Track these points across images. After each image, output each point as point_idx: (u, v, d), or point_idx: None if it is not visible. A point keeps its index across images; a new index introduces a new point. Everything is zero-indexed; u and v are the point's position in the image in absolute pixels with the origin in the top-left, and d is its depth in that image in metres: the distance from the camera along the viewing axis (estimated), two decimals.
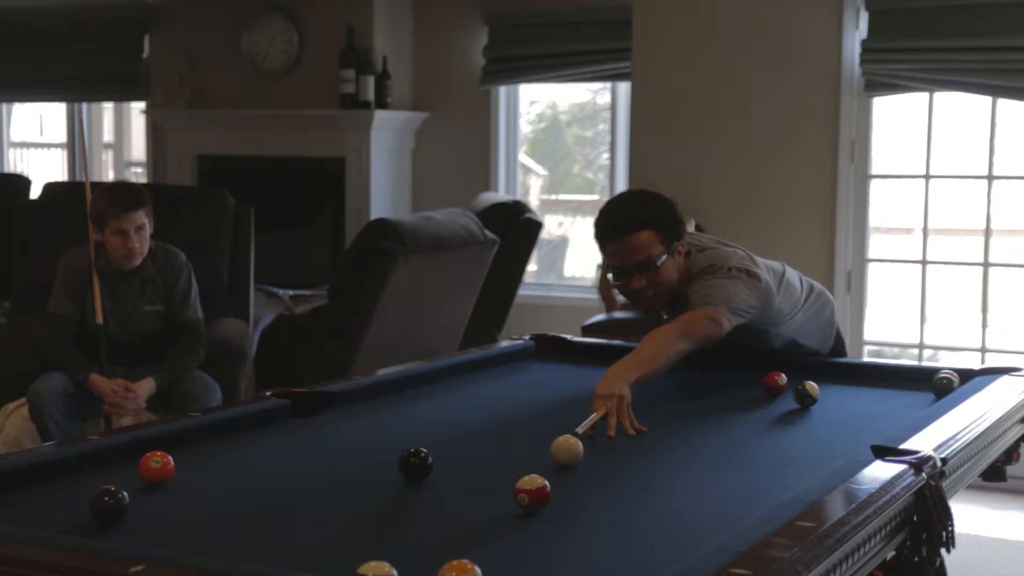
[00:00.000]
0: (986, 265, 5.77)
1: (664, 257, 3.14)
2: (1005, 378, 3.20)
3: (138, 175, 8.68)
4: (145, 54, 8.11)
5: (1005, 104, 5.70)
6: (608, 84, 7.24)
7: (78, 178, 8.26)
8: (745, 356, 3.50)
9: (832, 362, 3.57)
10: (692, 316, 3.10)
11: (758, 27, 5.94)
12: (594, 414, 2.77)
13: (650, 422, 2.94)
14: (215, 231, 5.40)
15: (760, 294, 3.22)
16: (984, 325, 5.83)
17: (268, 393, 2.92)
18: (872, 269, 5.96)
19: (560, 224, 7.98)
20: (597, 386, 2.86)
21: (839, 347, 3.73)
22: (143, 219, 4.45)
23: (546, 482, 2.13)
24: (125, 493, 2.04)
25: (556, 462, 2.43)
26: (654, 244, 3.13)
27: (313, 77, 7.47)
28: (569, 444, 2.45)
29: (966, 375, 3.23)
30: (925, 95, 5.80)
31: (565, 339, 3.81)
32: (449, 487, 2.30)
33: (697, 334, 3.08)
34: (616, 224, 3.15)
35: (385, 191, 7.42)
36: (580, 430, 2.65)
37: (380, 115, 7.24)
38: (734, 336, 3.18)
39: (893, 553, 2.16)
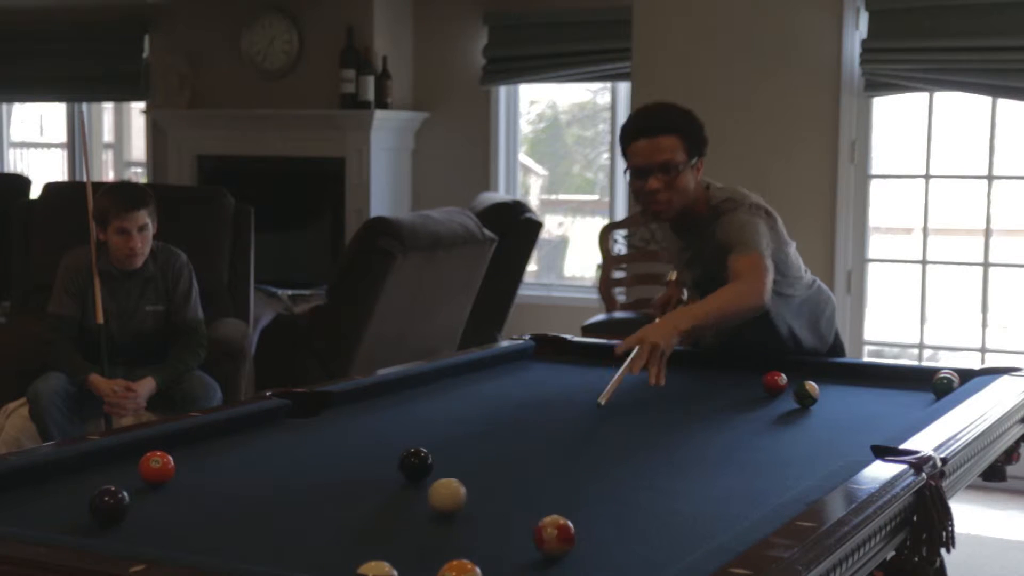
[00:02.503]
0: (986, 265, 5.78)
1: (684, 165, 3.31)
2: (1005, 378, 3.19)
3: (138, 175, 8.68)
4: (145, 54, 8.11)
5: (1005, 104, 5.70)
6: (608, 84, 7.24)
7: (78, 178, 8.26)
8: (748, 351, 3.51)
9: (832, 362, 3.57)
10: (744, 271, 3.19)
11: (758, 27, 5.94)
12: (613, 382, 2.95)
13: (650, 422, 2.94)
14: (215, 231, 5.40)
15: (778, 236, 3.43)
16: (984, 325, 5.83)
17: (268, 393, 2.92)
18: (872, 269, 5.96)
19: (560, 224, 7.98)
20: (645, 328, 3.03)
21: (838, 350, 3.72)
22: (146, 219, 4.45)
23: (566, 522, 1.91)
24: (125, 493, 2.04)
25: (436, 508, 2.10)
26: (678, 150, 3.31)
27: (313, 77, 7.47)
28: (451, 488, 2.11)
29: (966, 375, 3.22)
30: (925, 95, 5.80)
31: (565, 339, 3.81)
32: None
33: (754, 287, 3.18)
34: (647, 125, 3.32)
35: (385, 191, 7.42)
36: (602, 400, 2.87)
37: (380, 115, 7.24)
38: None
39: (893, 553, 2.16)
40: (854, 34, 5.78)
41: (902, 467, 2.24)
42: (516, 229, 6.10)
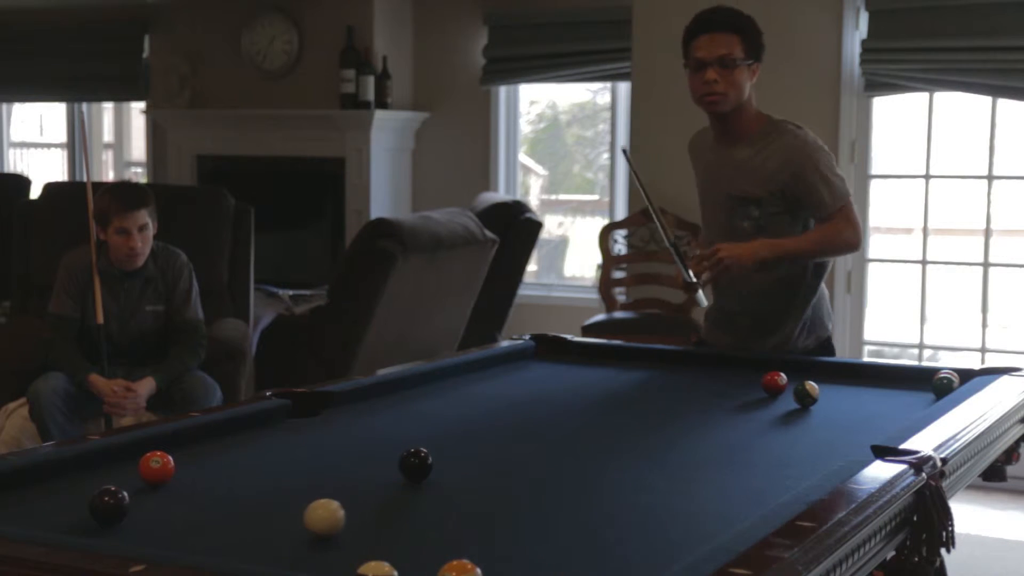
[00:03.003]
0: (986, 265, 5.78)
1: (742, 62, 3.45)
2: (1005, 378, 3.19)
3: (138, 175, 8.68)
4: (145, 54, 8.11)
5: (1005, 104, 5.70)
6: (608, 84, 7.24)
7: (78, 178, 8.26)
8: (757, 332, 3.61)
9: (832, 362, 3.57)
10: (838, 222, 3.52)
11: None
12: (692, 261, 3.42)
13: (650, 422, 2.94)
14: (215, 231, 5.40)
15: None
16: (984, 325, 5.83)
17: (268, 393, 2.92)
18: (872, 269, 5.96)
19: (560, 224, 7.98)
20: (726, 244, 3.41)
21: (828, 347, 3.73)
22: (146, 219, 4.46)
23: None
24: (125, 493, 2.04)
25: (313, 530, 1.97)
26: (738, 48, 3.45)
27: (313, 77, 7.47)
28: (329, 510, 1.98)
29: (966, 375, 3.22)
30: (925, 95, 5.80)
31: (565, 339, 3.81)
32: (449, 487, 2.30)
33: (842, 235, 3.53)
34: (710, 21, 3.49)
35: (385, 191, 7.42)
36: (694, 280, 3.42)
37: (380, 115, 7.24)
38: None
39: (893, 553, 2.16)
40: (854, 34, 5.78)
41: (902, 467, 2.24)
42: (516, 229, 6.10)
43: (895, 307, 6.48)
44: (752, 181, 3.50)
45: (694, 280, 3.46)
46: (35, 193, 6.29)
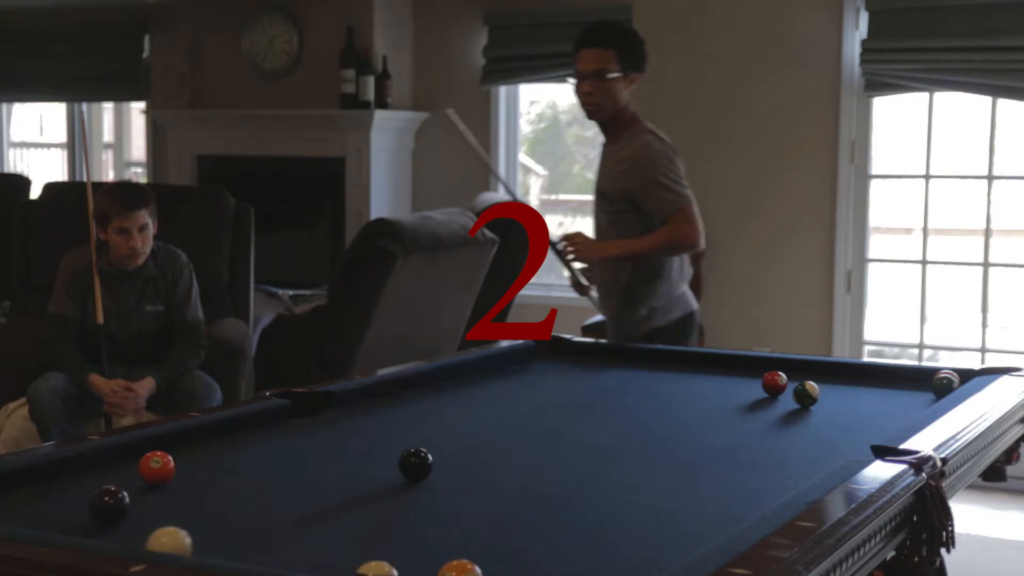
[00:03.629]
0: (986, 265, 5.78)
1: (615, 75, 3.83)
2: (1005, 378, 3.19)
3: (138, 175, 8.68)
4: (145, 54, 8.11)
5: (1005, 104, 5.70)
6: None
7: (78, 178, 8.26)
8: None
9: (832, 362, 3.57)
10: (678, 223, 3.86)
11: (758, 27, 5.94)
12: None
13: (650, 422, 2.94)
14: (215, 231, 5.40)
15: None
16: (984, 325, 5.83)
17: (268, 393, 2.92)
18: (872, 269, 5.97)
19: (560, 224, 7.98)
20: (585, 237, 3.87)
21: (685, 329, 4.02)
22: (146, 219, 4.46)
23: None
24: (125, 493, 2.04)
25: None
26: (613, 62, 3.83)
27: (313, 77, 7.46)
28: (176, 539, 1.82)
29: (966, 375, 3.22)
30: (925, 95, 5.80)
31: (565, 339, 3.81)
32: (449, 487, 2.30)
33: (681, 235, 3.90)
34: (593, 36, 3.86)
35: (385, 191, 7.42)
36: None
37: (380, 115, 7.24)
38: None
39: (893, 553, 2.16)
40: (854, 34, 5.78)
41: (902, 467, 2.24)
42: (516, 229, 6.10)
43: (895, 307, 6.48)
44: (608, 179, 3.94)
45: (584, 283, 4.00)
46: (35, 193, 6.29)
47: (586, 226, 7.81)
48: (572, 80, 3.90)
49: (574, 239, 3.86)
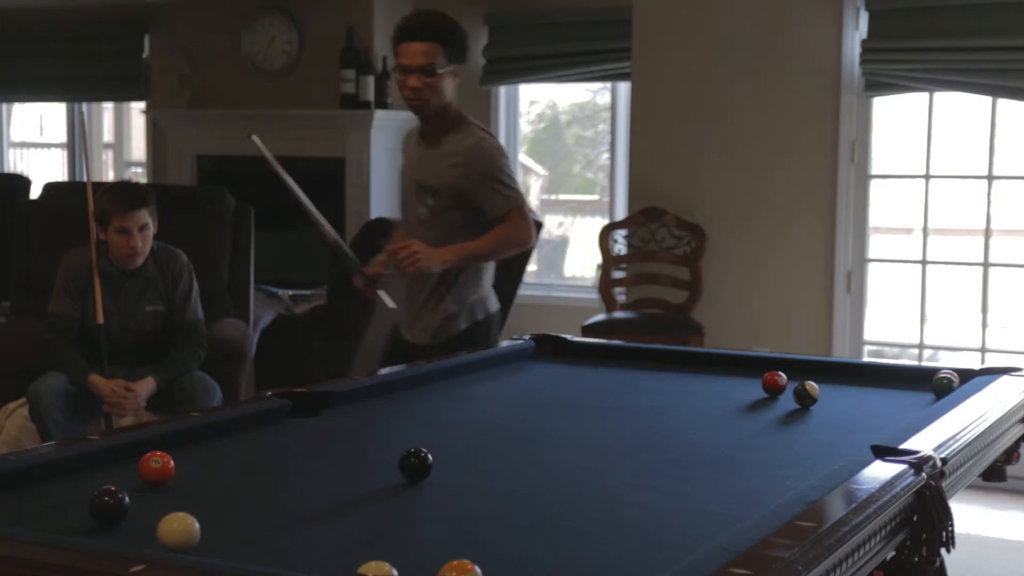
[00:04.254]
0: (986, 265, 5.78)
1: (444, 69, 3.80)
2: (1005, 378, 3.19)
3: (138, 175, 8.68)
4: (145, 54, 8.11)
5: (1005, 104, 5.70)
6: (608, 84, 7.24)
7: (78, 178, 8.25)
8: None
9: (832, 362, 3.57)
10: (514, 221, 3.77)
11: (758, 27, 5.94)
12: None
13: (650, 422, 2.94)
14: (215, 231, 5.40)
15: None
16: (984, 325, 5.83)
17: (268, 393, 2.92)
18: (872, 269, 5.97)
19: (560, 224, 7.98)
20: (423, 246, 3.64)
21: (491, 329, 3.91)
22: (146, 218, 4.46)
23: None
24: (125, 493, 2.04)
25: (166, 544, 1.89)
26: (439, 55, 3.80)
27: (313, 77, 7.46)
28: (184, 525, 1.90)
29: (966, 375, 3.22)
30: (925, 95, 5.80)
31: (565, 339, 3.81)
32: (449, 487, 2.30)
33: (518, 234, 3.79)
34: (418, 29, 3.81)
35: (385, 191, 7.41)
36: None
37: (380, 115, 7.24)
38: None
39: (893, 553, 2.16)
40: (854, 34, 5.78)
41: (902, 467, 2.24)
42: None
43: (895, 307, 6.48)
44: (435, 172, 3.82)
45: (371, 283, 3.83)
46: (35, 193, 6.29)
47: (586, 226, 7.83)
48: (398, 75, 3.83)
49: (412, 247, 3.65)
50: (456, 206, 3.76)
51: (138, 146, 8.81)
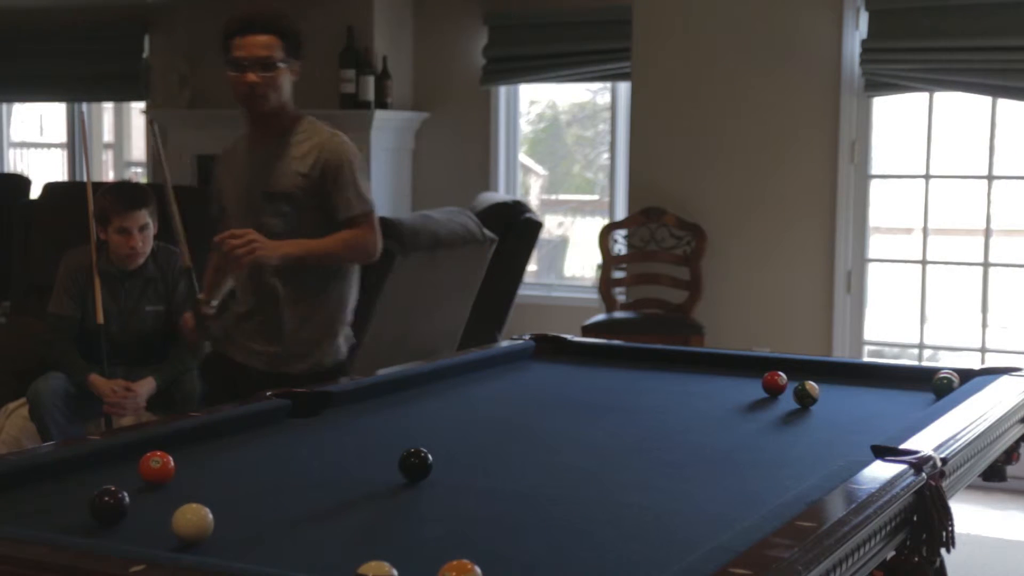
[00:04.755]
0: (986, 265, 5.78)
1: (283, 64, 3.54)
2: (1005, 378, 3.19)
3: (138, 175, 8.67)
4: (145, 54, 8.11)
5: (1005, 104, 5.70)
6: (608, 84, 7.24)
7: (78, 178, 8.25)
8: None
9: (832, 362, 3.57)
10: (365, 229, 3.54)
11: (758, 27, 5.94)
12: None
13: (650, 422, 2.94)
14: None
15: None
16: (984, 325, 5.83)
17: (268, 393, 2.92)
18: (872, 269, 5.97)
19: (560, 224, 7.98)
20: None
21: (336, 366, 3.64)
22: (147, 218, 4.46)
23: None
24: (125, 493, 2.04)
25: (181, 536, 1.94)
26: (278, 49, 3.54)
27: (313, 77, 7.44)
28: (199, 515, 1.96)
29: (966, 375, 3.22)
30: (925, 95, 5.80)
31: (565, 339, 3.81)
32: (449, 487, 2.30)
33: (368, 241, 3.56)
34: (255, 22, 3.58)
35: (385, 191, 7.41)
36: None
37: (380, 115, 7.24)
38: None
39: (893, 553, 2.16)
40: (854, 34, 5.78)
41: (902, 467, 2.24)
42: (516, 229, 6.10)
43: (895, 307, 6.48)
44: (287, 176, 3.52)
45: (202, 325, 3.51)
46: (35, 193, 6.29)
47: (586, 226, 7.83)
48: (231, 71, 3.60)
49: (248, 235, 3.34)
50: (317, 207, 3.50)
51: (138, 146, 8.81)
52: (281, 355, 3.58)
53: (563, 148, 7.99)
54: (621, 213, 6.87)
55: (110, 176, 8.77)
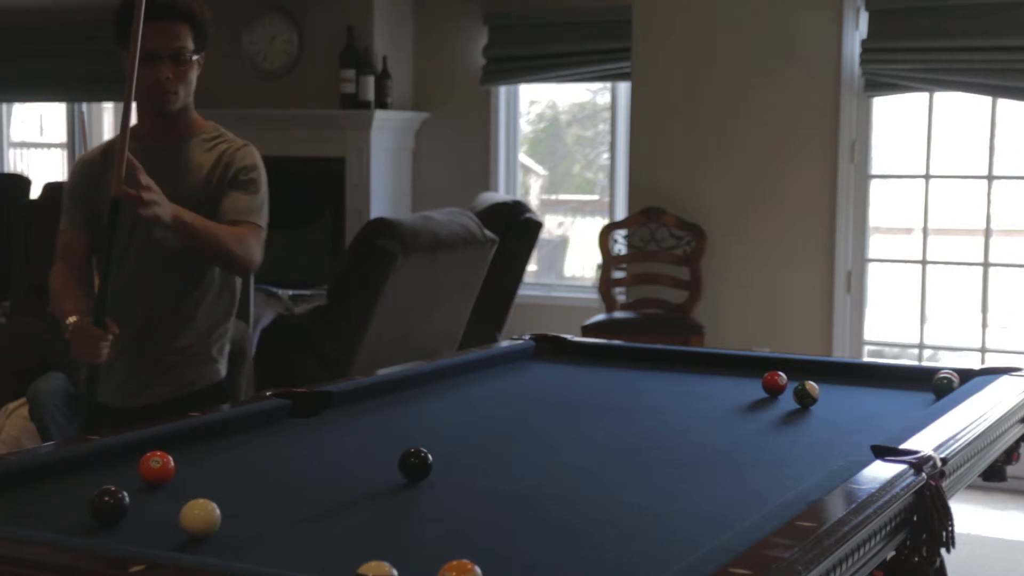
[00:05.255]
0: (986, 265, 5.78)
1: (195, 57, 3.18)
2: (1005, 378, 3.19)
3: None
4: None
5: (1005, 104, 5.70)
6: (608, 84, 7.24)
7: None
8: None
9: (832, 362, 3.57)
10: (250, 233, 3.21)
11: (758, 27, 5.94)
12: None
13: (650, 422, 2.94)
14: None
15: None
16: (984, 325, 5.83)
17: (268, 393, 2.92)
18: (872, 269, 5.97)
19: (560, 224, 7.98)
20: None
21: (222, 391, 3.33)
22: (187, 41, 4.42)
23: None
24: (125, 493, 2.04)
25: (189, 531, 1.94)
26: (189, 39, 3.16)
27: (313, 77, 7.47)
28: (206, 511, 1.97)
29: (966, 375, 3.22)
30: (925, 95, 5.81)
31: (565, 339, 3.81)
32: (449, 487, 2.30)
33: (252, 249, 3.24)
34: (167, 6, 3.10)
35: (385, 191, 7.42)
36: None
37: (380, 115, 7.24)
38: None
39: (893, 553, 2.16)
40: (854, 34, 5.78)
41: (902, 467, 2.24)
42: (516, 229, 6.10)
43: (895, 307, 6.48)
44: (196, 184, 3.17)
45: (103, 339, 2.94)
46: (35, 193, 6.29)
47: (586, 226, 7.84)
48: (135, 64, 3.05)
49: (151, 189, 2.88)
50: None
51: None
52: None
53: (563, 148, 8.00)
54: (621, 213, 6.87)
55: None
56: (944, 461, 2.36)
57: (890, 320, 6.57)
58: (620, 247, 6.29)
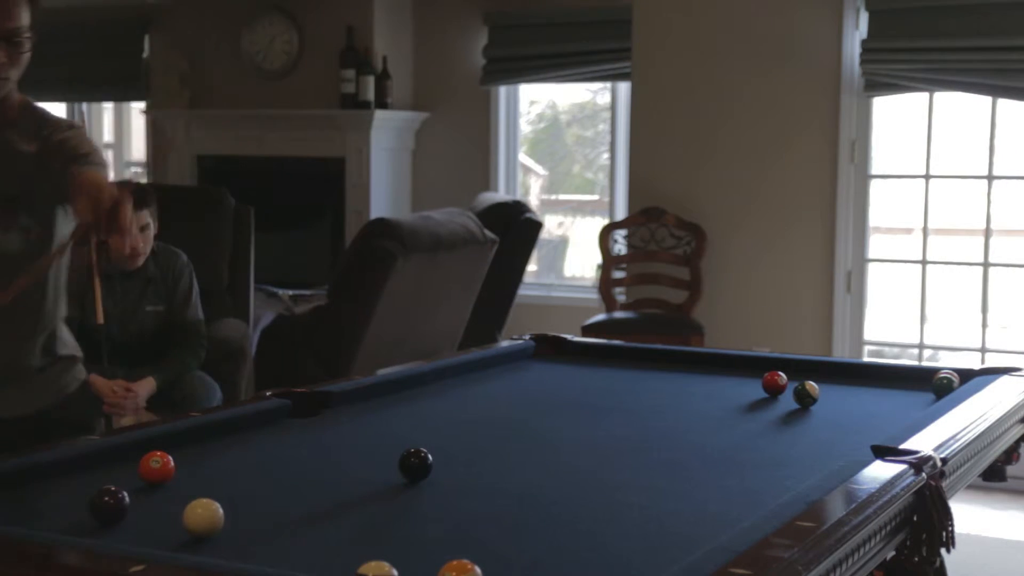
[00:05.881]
0: (986, 265, 5.78)
1: (29, 38, 2.72)
2: (1005, 378, 3.19)
3: (138, 175, 8.67)
4: (145, 54, 8.11)
5: (1005, 104, 5.70)
6: (608, 84, 7.24)
7: None
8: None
9: (832, 362, 3.57)
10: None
11: (758, 27, 5.94)
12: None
13: (650, 422, 2.94)
14: (215, 231, 5.40)
15: None
16: (984, 325, 5.83)
17: (268, 393, 2.92)
18: (872, 269, 5.97)
19: (560, 224, 7.98)
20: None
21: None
22: (147, 219, 4.46)
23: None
24: (125, 493, 2.04)
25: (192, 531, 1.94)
26: (26, 17, 2.67)
27: (313, 77, 7.47)
28: (208, 511, 1.97)
29: (966, 375, 3.22)
30: (925, 95, 5.81)
31: (565, 339, 3.81)
32: (449, 487, 2.30)
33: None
34: None
35: (385, 191, 7.42)
36: None
37: (380, 115, 7.24)
38: None
39: (893, 553, 2.16)
40: (854, 34, 5.78)
41: (902, 467, 2.24)
42: (516, 229, 6.10)
43: (895, 307, 6.48)
44: (24, 176, 2.75)
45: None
46: None
47: (586, 226, 7.83)
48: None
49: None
50: (61, 201, 2.78)
51: (138, 146, 8.81)
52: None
53: (563, 148, 8.00)
54: (621, 213, 6.87)
55: (110, 177, 8.76)
56: (944, 461, 2.36)
57: (890, 320, 6.57)
58: (620, 247, 6.28)
